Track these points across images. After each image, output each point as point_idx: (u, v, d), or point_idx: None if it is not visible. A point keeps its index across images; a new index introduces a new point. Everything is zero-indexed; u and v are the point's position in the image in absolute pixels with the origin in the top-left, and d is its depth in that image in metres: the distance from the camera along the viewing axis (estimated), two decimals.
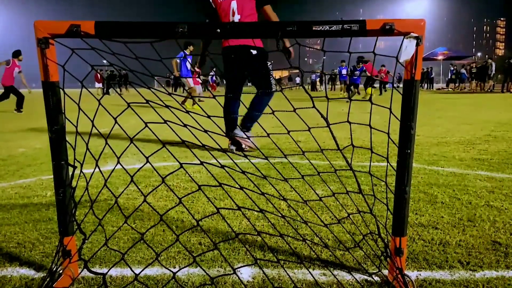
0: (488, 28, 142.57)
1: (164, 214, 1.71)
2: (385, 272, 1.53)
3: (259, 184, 2.79)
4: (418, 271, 1.57)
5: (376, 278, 1.52)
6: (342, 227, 1.99)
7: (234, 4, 4.01)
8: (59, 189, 1.38)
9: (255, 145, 3.94)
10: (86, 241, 1.71)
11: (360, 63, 16.31)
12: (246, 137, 4.08)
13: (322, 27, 1.30)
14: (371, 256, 1.68)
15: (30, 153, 4.43)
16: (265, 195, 1.76)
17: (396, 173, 1.42)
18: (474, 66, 26.01)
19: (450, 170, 3.25)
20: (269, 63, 4.16)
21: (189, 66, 11.79)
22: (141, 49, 1.01)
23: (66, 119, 1.39)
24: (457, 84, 29.85)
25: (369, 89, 14.24)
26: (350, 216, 2.09)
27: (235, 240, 1.85)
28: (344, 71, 20.56)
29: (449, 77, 31.99)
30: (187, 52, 11.61)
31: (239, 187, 1.47)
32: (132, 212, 2.14)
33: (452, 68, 30.76)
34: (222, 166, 1.47)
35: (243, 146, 4.14)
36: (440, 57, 31.75)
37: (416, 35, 1.29)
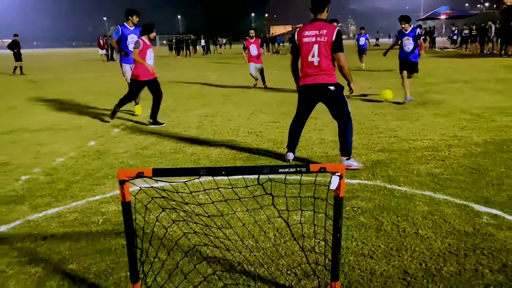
0: None
1: None
2: None
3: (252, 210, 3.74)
4: None
5: None
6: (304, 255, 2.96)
7: (315, 48, 4.71)
8: (133, 264, 2.33)
9: (359, 165, 4.94)
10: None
11: (402, 23, 9.28)
12: (356, 164, 4.92)
13: (286, 169, 2.19)
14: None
15: (69, 165, 5.37)
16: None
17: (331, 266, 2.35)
18: (474, 28, 26.31)
19: (404, 190, 4.18)
20: (343, 92, 4.86)
21: (131, 45, 8.30)
22: None
23: (137, 236, 2.32)
24: (458, 45, 30.18)
25: (388, 92, 9.48)
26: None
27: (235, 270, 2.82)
28: (362, 40, 19.09)
29: (451, 37, 32.22)
30: (129, 24, 8.57)
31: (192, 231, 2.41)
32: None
33: (453, 29, 30.91)
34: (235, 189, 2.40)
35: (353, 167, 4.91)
36: (442, 17, 31.78)
37: (339, 173, 2.19)
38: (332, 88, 4.76)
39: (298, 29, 4.99)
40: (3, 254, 3.16)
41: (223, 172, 2.20)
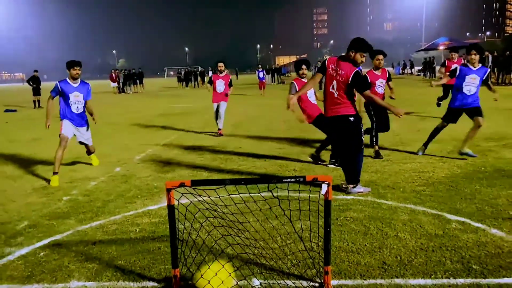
0: (497, 5, 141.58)
1: None
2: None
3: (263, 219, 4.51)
4: (339, 280, 3.30)
5: (315, 284, 3.25)
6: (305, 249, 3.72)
7: (334, 82, 5.26)
8: (174, 253, 3.11)
9: (367, 190, 5.46)
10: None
11: (473, 52, 6.80)
12: (363, 189, 5.42)
13: (288, 179, 2.99)
14: (314, 271, 3.40)
15: (102, 187, 6.19)
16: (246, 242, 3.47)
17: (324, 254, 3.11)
18: None
19: (390, 204, 4.95)
20: (361, 124, 5.38)
21: (75, 105, 6.90)
22: None
23: (178, 230, 3.11)
24: None
25: None
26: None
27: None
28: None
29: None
30: (71, 80, 6.77)
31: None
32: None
33: None
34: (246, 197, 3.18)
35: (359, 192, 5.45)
36: (441, 47, 32.94)
37: (328, 182, 2.98)
38: (351, 119, 5.26)
39: (328, 57, 5.54)
40: (63, 255, 3.95)
41: (242, 182, 3.02)
